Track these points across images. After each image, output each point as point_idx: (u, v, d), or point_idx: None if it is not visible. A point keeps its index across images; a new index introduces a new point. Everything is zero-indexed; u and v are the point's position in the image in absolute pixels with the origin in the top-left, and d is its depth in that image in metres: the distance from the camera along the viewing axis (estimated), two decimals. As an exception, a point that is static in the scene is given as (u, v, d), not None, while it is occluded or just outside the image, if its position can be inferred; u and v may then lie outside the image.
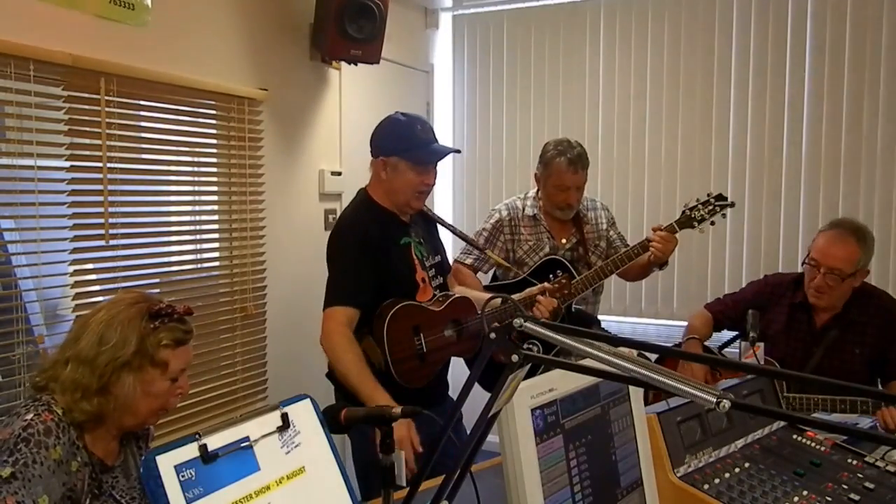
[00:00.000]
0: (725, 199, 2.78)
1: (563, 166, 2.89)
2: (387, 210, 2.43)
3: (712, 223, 2.79)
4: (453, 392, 3.22)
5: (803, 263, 2.61)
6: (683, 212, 2.80)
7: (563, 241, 3.04)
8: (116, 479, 1.57)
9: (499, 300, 2.40)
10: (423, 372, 2.38)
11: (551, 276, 2.74)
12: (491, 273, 3.17)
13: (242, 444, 1.17)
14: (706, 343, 2.83)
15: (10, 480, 1.35)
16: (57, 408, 1.47)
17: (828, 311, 2.58)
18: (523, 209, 3.07)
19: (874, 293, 2.61)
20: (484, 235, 3.06)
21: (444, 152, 2.42)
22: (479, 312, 2.50)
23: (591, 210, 3.13)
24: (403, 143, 2.36)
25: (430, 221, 2.61)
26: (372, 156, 2.45)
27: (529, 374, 1.17)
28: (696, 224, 2.77)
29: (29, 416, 1.43)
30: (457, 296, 2.51)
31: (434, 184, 2.44)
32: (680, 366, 2.68)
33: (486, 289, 3.01)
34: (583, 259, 3.03)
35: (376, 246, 2.34)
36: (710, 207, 2.76)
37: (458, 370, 2.66)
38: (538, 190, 3.07)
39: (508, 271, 2.99)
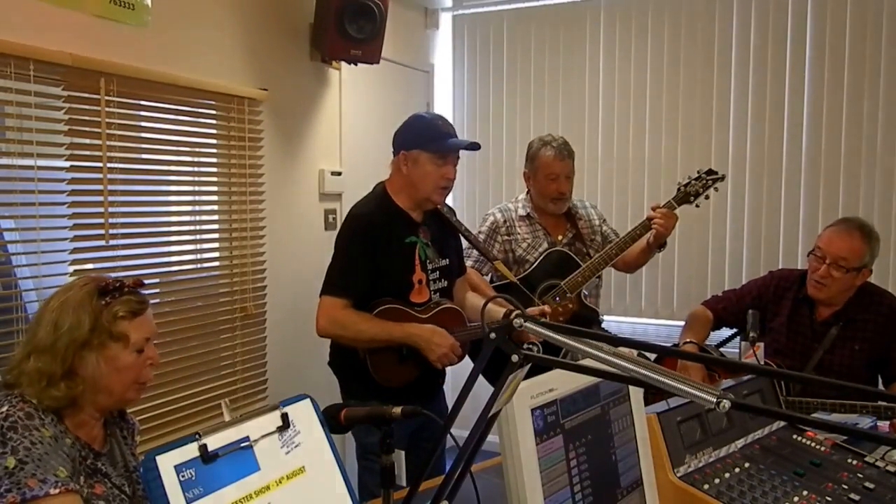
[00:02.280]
0: (716, 172, 2.90)
1: (549, 156, 2.99)
2: (399, 207, 2.46)
3: (706, 197, 2.91)
4: (452, 392, 3.22)
5: (809, 254, 2.62)
6: (679, 188, 2.91)
7: (560, 237, 3.07)
8: (105, 466, 1.58)
9: (499, 309, 2.41)
10: (399, 373, 2.42)
11: (557, 297, 2.76)
12: (489, 276, 3.17)
13: (242, 444, 1.17)
14: (703, 344, 2.83)
15: (21, 466, 1.36)
16: (30, 398, 1.48)
17: (829, 307, 2.59)
18: (516, 210, 3.11)
19: (876, 291, 2.62)
20: (481, 238, 3.05)
21: (462, 144, 2.47)
22: (469, 321, 2.54)
23: (581, 208, 3.19)
24: (424, 136, 2.42)
25: (446, 224, 2.61)
26: (394, 154, 2.49)
27: (530, 374, 1.17)
28: (692, 199, 2.89)
29: (4, 409, 1.44)
30: (447, 305, 2.53)
31: (453, 178, 2.48)
32: (678, 367, 2.68)
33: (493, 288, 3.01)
34: (581, 253, 3.06)
35: (379, 240, 2.38)
36: (703, 182, 2.88)
37: (458, 370, 2.66)
38: (528, 190, 3.12)
39: (510, 269, 2.99)
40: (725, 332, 2.99)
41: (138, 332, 1.57)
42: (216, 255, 3.05)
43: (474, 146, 2.51)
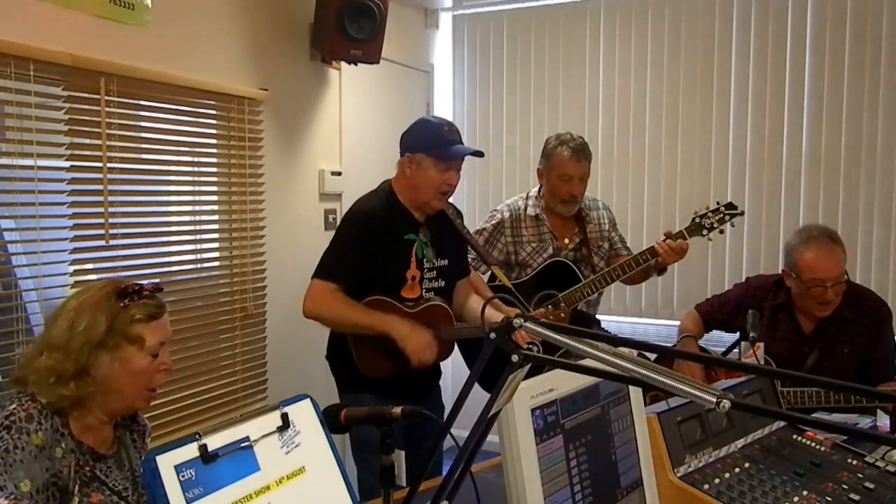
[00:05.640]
0: (735, 207, 2.80)
1: (565, 156, 2.91)
2: (402, 205, 2.49)
3: (721, 231, 2.82)
4: (452, 392, 3.22)
5: (792, 279, 2.55)
6: (693, 219, 2.82)
7: (566, 241, 3.02)
8: (110, 469, 1.58)
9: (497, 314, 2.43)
10: (384, 364, 2.45)
11: (549, 305, 2.75)
12: (488, 274, 3.16)
13: (242, 444, 1.17)
14: (700, 343, 2.83)
15: None
16: (40, 397, 1.49)
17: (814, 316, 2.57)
18: (525, 209, 3.04)
19: (860, 291, 2.61)
20: (484, 236, 3.04)
21: (466, 152, 2.48)
22: (457, 322, 2.56)
23: (593, 210, 3.11)
24: (429, 141, 2.45)
25: (449, 226, 2.62)
26: (400, 154, 2.52)
27: (530, 374, 1.17)
28: (705, 232, 2.80)
29: (12, 406, 1.46)
30: (436, 303, 2.54)
31: (455, 184, 2.50)
32: (676, 365, 2.68)
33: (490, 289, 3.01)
34: (586, 260, 3.02)
35: (377, 234, 2.42)
36: (720, 216, 2.79)
37: (458, 370, 2.66)
38: (541, 187, 3.05)
39: (511, 271, 2.99)
40: (729, 338, 2.97)
41: (154, 335, 1.57)
42: (216, 255, 3.05)
43: (478, 154, 2.52)
